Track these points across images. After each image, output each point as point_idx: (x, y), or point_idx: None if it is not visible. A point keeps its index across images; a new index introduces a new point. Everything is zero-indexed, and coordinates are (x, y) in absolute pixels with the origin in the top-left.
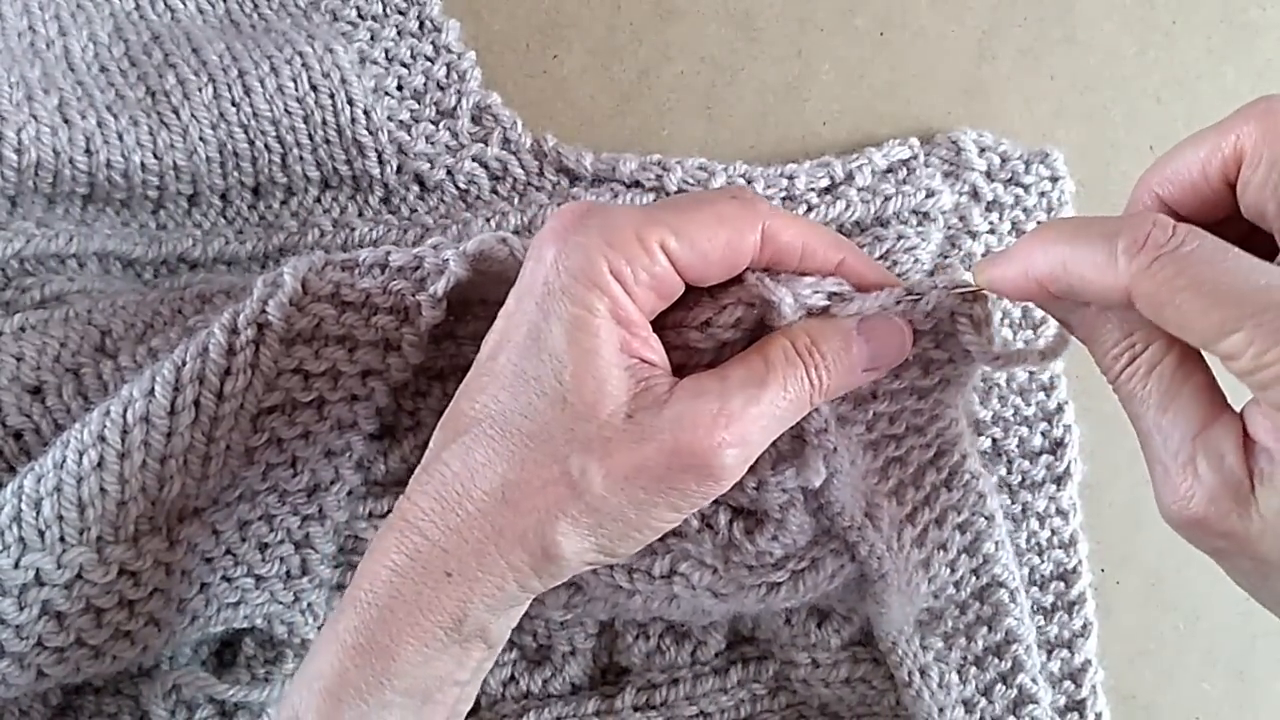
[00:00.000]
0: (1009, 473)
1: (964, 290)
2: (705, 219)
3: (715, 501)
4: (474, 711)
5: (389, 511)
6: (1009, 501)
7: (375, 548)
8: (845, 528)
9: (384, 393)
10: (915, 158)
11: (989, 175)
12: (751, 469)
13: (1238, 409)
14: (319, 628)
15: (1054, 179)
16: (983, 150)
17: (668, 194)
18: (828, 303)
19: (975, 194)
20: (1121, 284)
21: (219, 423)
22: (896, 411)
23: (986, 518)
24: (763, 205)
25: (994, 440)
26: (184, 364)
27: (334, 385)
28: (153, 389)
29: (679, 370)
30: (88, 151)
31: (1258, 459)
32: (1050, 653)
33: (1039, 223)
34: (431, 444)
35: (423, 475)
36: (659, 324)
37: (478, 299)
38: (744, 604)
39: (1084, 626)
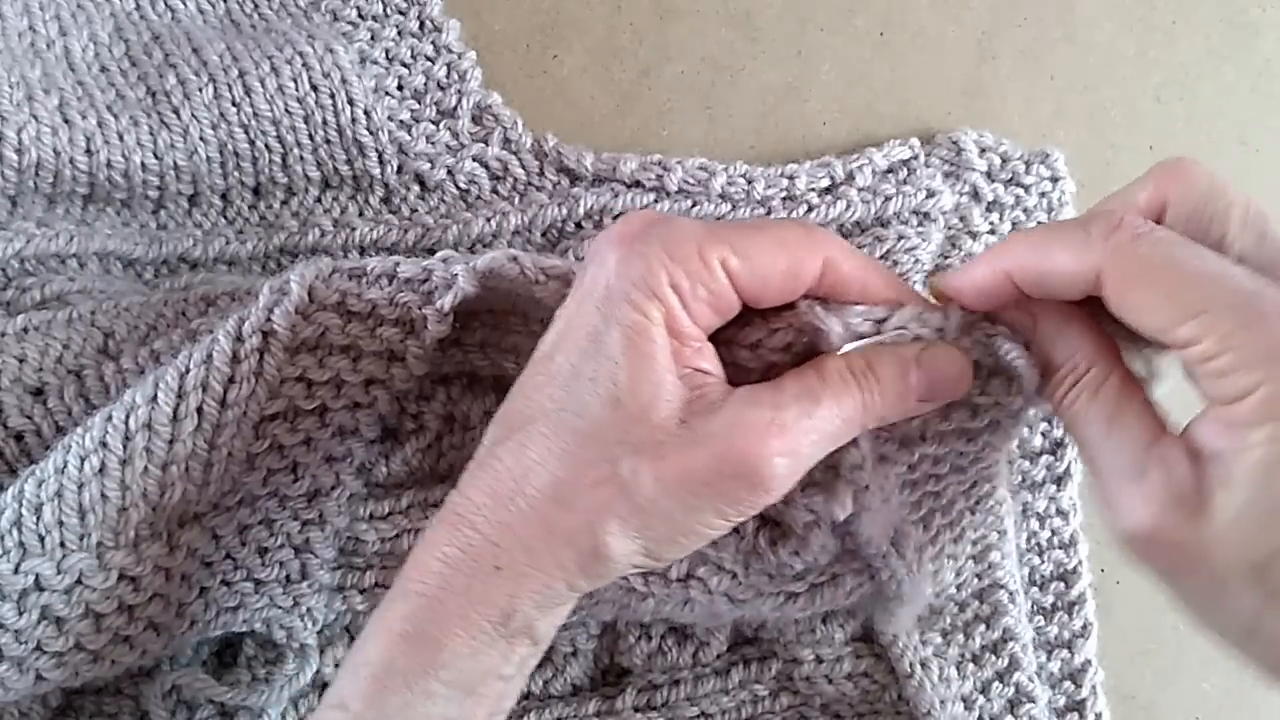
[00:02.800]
0: (1010, 473)
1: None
2: (768, 243)
3: None
4: None
5: (391, 513)
6: (1018, 510)
7: (426, 539)
8: (870, 554)
9: (386, 401)
10: (916, 158)
11: (989, 176)
12: None
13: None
14: (318, 632)
15: (1054, 179)
16: (983, 151)
17: (668, 194)
18: (876, 330)
19: (976, 194)
20: (1093, 262)
21: (222, 430)
22: (943, 453)
23: (999, 533)
24: (827, 237)
25: None
26: (188, 370)
27: (337, 393)
28: (155, 395)
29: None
30: (88, 151)
31: (1209, 466)
32: (1050, 653)
33: (1038, 224)
34: (485, 439)
35: (476, 470)
36: (710, 338)
37: (485, 309)
38: (760, 611)
39: (1084, 627)
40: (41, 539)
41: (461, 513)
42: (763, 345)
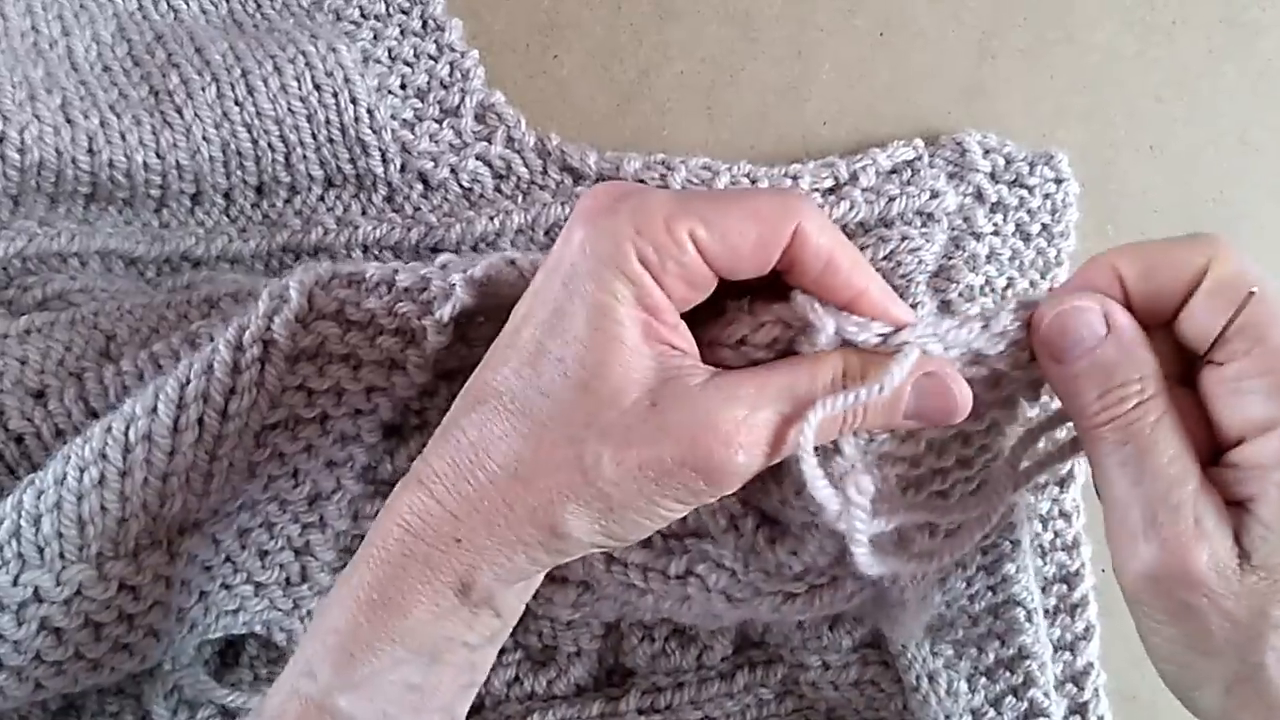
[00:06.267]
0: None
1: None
2: (739, 212)
3: (744, 504)
4: (478, 711)
5: None
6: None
7: (389, 506)
8: None
9: (388, 408)
10: (920, 159)
11: (993, 177)
12: (779, 485)
13: None
14: None
15: (1058, 180)
16: (987, 152)
17: None
18: (878, 340)
19: (979, 195)
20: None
21: (223, 440)
22: (945, 442)
23: (1012, 542)
24: (802, 204)
25: None
26: (188, 381)
27: (338, 401)
28: (156, 406)
29: None
30: (90, 151)
31: (1244, 514)
32: (1054, 655)
33: (1042, 225)
34: (452, 409)
35: (440, 439)
36: (695, 338)
37: (490, 304)
38: (758, 611)
39: (1087, 629)
40: (41, 550)
41: (423, 480)
42: (747, 342)
